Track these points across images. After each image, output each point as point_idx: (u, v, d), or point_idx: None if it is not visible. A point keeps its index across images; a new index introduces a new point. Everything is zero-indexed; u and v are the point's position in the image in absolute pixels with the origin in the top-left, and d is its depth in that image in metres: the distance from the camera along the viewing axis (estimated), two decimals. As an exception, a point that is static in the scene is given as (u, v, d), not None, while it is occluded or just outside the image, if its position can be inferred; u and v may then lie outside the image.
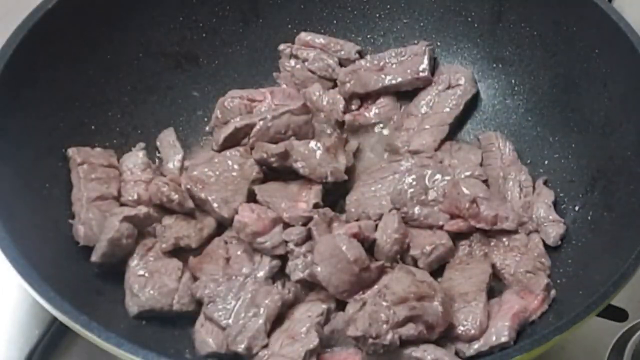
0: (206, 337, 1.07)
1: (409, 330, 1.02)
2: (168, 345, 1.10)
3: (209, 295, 1.09)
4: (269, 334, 1.07)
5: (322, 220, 1.13)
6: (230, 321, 1.07)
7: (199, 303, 1.11)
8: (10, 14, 1.20)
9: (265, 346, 1.05)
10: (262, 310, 1.07)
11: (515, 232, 1.19)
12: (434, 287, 1.06)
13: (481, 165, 1.28)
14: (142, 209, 1.16)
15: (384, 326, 1.00)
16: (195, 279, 1.13)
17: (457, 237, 1.19)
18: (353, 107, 1.36)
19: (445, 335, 1.06)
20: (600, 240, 1.14)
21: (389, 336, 1.00)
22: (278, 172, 1.21)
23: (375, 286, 1.08)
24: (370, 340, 1.00)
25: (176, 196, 1.17)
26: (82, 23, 1.24)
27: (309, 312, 1.08)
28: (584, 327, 0.96)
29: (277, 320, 1.08)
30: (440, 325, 1.04)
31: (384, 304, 1.03)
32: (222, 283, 1.10)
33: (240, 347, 1.04)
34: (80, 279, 1.11)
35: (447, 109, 1.33)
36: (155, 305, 1.10)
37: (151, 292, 1.10)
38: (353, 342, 1.05)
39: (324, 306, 1.08)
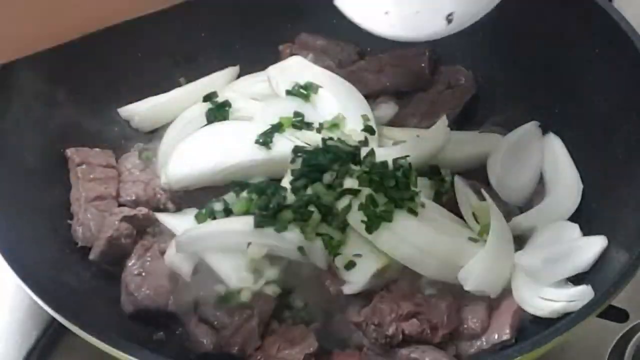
0: (200, 338, 1.07)
1: (412, 326, 1.03)
2: (166, 345, 1.10)
3: (204, 296, 1.10)
4: (262, 336, 1.07)
5: None
6: (224, 322, 1.07)
7: (194, 304, 1.11)
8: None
9: (259, 348, 1.06)
10: (255, 312, 1.07)
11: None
12: (442, 290, 1.08)
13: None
14: (142, 210, 1.16)
15: (387, 317, 1.01)
16: (190, 280, 1.13)
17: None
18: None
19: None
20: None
21: (392, 327, 1.01)
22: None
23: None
24: (372, 327, 1.01)
25: (171, 205, 1.19)
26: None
27: (307, 318, 1.10)
28: (584, 327, 0.96)
29: (273, 323, 1.09)
30: (445, 328, 1.05)
31: (390, 297, 1.04)
32: (217, 285, 1.10)
33: (234, 349, 1.05)
34: (79, 279, 1.11)
35: (447, 109, 1.33)
36: (151, 305, 1.10)
37: (147, 291, 1.10)
38: (352, 341, 1.06)
39: None
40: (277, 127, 1.18)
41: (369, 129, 1.21)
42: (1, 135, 1.10)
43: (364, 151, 1.16)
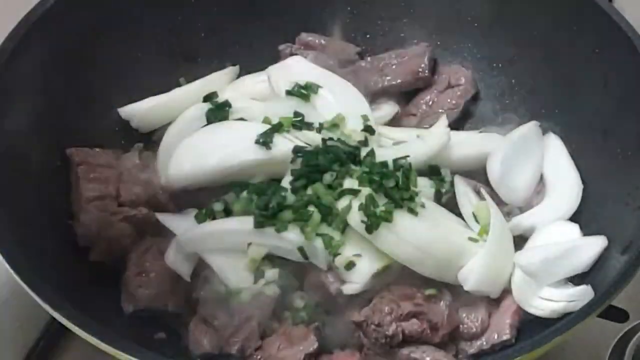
0: (200, 338, 1.07)
1: (413, 325, 1.03)
2: (166, 345, 1.10)
3: (204, 296, 1.10)
4: (262, 336, 1.07)
5: None
6: (224, 322, 1.07)
7: (194, 304, 1.11)
8: (9, 12, 1.20)
9: (259, 348, 1.06)
10: (255, 312, 1.07)
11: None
12: (442, 290, 1.08)
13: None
14: (142, 210, 1.16)
15: (387, 317, 1.02)
16: (190, 280, 1.13)
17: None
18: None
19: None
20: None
21: (392, 327, 1.01)
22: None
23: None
24: (372, 327, 1.02)
25: (171, 205, 1.19)
26: (81, 22, 1.24)
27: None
28: (585, 328, 0.96)
29: (273, 323, 1.09)
30: (445, 327, 1.05)
31: (390, 297, 1.03)
32: (217, 285, 1.10)
33: (234, 349, 1.05)
34: (79, 279, 1.11)
35: (447, 109, 1.33)
36: (151, 304, 1.10)
37: (147, 291, 1.11)
38: (352, 341, 1.06)
39: None
40: (277, 127, 1.18)
41: (369, 129, 1.21)
42: (1, 135, 1.10)
43: (364, 151, 1.16)
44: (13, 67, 1.13)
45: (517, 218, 1.18)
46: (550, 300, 1.06)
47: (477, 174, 1.23)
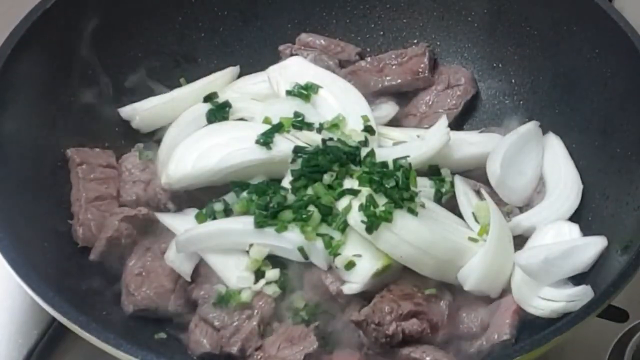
0: (200, 338, 1.07)
1: (413, 325, 1.03)
2: (166, 345, 1.10)
3: (204, 296, 1.10)
4: (262, 336, 1.07)
5: None
6: (224, 322, 1.07)
7: (194, 304, 1.11)
8: (9, 12, 1.20)
9: (259, 348, 1.06)
10: (255, 312, 1.08)
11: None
12: (442, 290, 1.08)
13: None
14: (143, 210, 1.16)
15: (388, 317, 1.02)
16: (191, 280, 1.13)
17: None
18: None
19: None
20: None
21: (392, 327, 1.01)
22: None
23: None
24: (372, 326, 1.02)
25: (172, 205, 1.19)
26: (81, 22, 1.24)
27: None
28: (585, 327, 0.96)
29: (273, 323, 1.09)
30: (445, 327, 1.05)
31: (390, 296, 1.03)
32: (217, 284, 1.10)
33: (234, 348, 1.05)
34: (79, 279, 1.11)
35: (447, 109, 1.33)
36: (151, 305, 1.10)
37: (147, 291, 1.11)
38: (352, 340, 1.06)
39: None
40: (278, 127, 1.18)
41: (369, 129, 1.22)
42: (1, 135, 1.10)
43: (364, 151, 1.16)
44: (13, 67, 1.14)
45: (517, 218, 1.18)
46: (550, 300, 1.06)
47: (477, 174, 1.23)
